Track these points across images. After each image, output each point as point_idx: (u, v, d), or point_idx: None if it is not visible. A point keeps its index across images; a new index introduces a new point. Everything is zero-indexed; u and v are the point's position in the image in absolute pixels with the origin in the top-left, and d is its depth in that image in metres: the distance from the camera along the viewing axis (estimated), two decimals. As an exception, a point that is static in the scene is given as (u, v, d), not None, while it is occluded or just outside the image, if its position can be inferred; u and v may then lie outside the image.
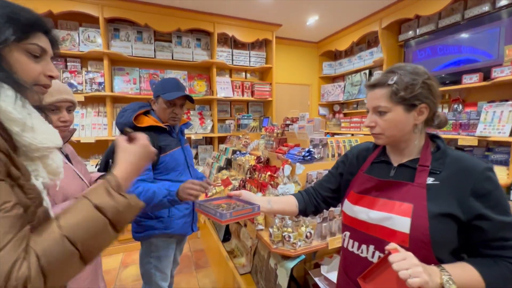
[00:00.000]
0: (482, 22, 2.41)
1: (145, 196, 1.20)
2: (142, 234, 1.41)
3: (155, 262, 1.46)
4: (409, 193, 0.72)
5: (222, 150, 3.14)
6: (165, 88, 1.38)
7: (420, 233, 0.67)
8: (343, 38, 3.86)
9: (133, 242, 2.89)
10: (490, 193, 0.66)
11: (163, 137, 1.40)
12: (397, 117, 0.74)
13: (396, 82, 0.73)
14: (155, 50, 3.19)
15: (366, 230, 0.78)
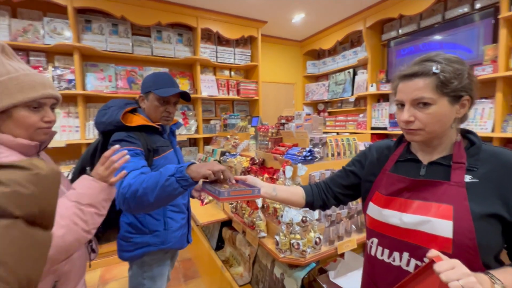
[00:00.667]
0: (462, 23, 2.51)
1: (149, 181, 0.91)
2: (133, 253, 1.21)
3: (149, 284, 1.27)
4: (447, 193, 0.65)
5: (209, 152, 2.97)
6: (157, 84, 1.21)
7: (465, 237, 0.61)
8: (327, 37, 3.87)
9: (112, 255, 2.63)
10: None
11: (155, 138, 1.23)
12: (442, 110, 0.66)
13: (443, 71, 0.65)
14: (132, 45, 2.94)
15: (398, 236, 0.71)
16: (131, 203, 0.92)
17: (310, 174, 1.50)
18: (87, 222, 0.72)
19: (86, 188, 0.75)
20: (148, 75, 1.28)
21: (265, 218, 1.49)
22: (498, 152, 0.67)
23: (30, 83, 0.73)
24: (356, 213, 1.47)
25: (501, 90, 2.15)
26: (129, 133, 1.12)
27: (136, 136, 1.13)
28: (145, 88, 1.24)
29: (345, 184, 0.93)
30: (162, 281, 1.31)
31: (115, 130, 1.15)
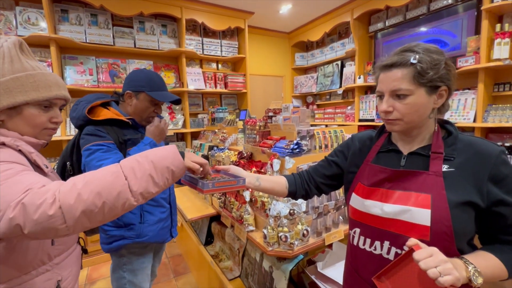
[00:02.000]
0: (446, 15, 2.54)
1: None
2: (111, 245, 1.21)
3: (129, 277, 1.27)
4: (426, 182, 0.67)
5: (197, 147, 2.93)
6: (152, 85, 1.21)
7: (442, 225, 0.63)
8: (315, 29, 3.84)
9: (99, 254, 2.58)
10: (507, 177, 0.64)
11: (127, 131, 1.22)
12: (419, 101, 0.67)
13: (420, 61, 0.65)
14: (114, 37, 2.81)
15: (380, 226, 0.73)
16: None
17: (297, 166, 1.49)
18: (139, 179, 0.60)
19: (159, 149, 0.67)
20: (138, 71, 1.25)
21: (253, 212, 1.48)
22: (473, 141, 0.69)
23: (46, 82, 0.73)
24: (343, 204, 1.48)
25: (482, 81, 2.20)
26: (98, 127, 1.12)
27: (106, 129, 1.13)
28: (137, 86, 1.21)
29: (327, 174, 0.94)
30: (144, 275, 1.30)
31: (86, 124, 1.15)
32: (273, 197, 1.36)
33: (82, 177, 0.57)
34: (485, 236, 0.70)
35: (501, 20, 2.23)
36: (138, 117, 1.24)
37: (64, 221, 0.53)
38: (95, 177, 0.57)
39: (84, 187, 0.55)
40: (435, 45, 0.70)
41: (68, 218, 0.53)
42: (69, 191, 0.54)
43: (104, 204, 0.56)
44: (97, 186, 0.56)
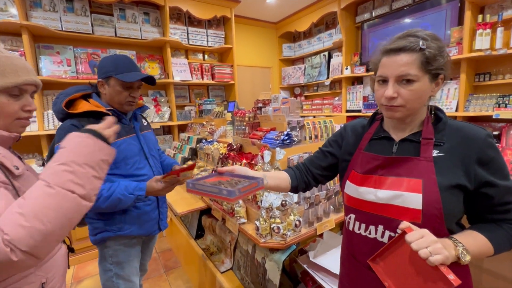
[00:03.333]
0: (430, 5, 2.57)
1: (107, 203, 1.05)
2: (96, 237, 1.21)
3: (116, 269, 1.25)
4: (417, 168, 0.69)
5: (185, 140, 2.86)
6: (118, 67, 1.14)
7: (433, 208, 0.65)
8: (302, 19, 3.80)
9: (85, 251, 2.50)
10: (493, 160, 0.66)
11: None
12: (423, 88, 0.67)
13: (428, 48, 0.64)
14: (92, 25, 2.66)
15: (374, 211, 0.75)
16: None
17: (288, 157, 1.49)
18: (84, 186, 0.61)
19: (79, 146, 0.64)
20: (104, 58, 1.19)
21: (244, 204, 1.46)
22: (460, 126, 0.71)
23: (12, 67, 0.66)
24: (333, 194, 1.50)
25: (464, 71, 2.27)
26: (73, 121, 1.08)
27: (81, 123, 1.08)
28: (104, 72, 1.15)
29: (323, 165, 0.94)
30: (131, 268, 1.28)
31: (65, 118, 1.11)
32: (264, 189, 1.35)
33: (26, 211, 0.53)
34: (473, 216, 0.73)
35: (483, 11, 2.28)
36: (116, 104, 1.19)
37: (35, 257, 0.54)
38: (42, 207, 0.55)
39: (34, 221, 0.53)
40: (434, 33, 0.69)
41: (38, 254, 0.54)
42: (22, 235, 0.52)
43: (64, 224, 0.58)
44: (49, 214, 0.55)
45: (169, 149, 3.00)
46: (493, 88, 2.30)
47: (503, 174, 0.67)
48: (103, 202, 1.03)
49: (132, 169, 1.21)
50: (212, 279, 1.66)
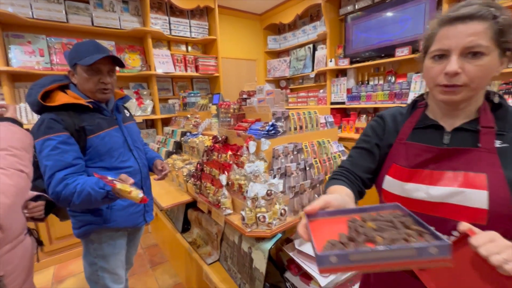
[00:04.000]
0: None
1: (80, 198, 1.00)
2: (80, 230, 1.17)
3: (101, 262, 1.23)
4: (478, 160, 0.60)
5: (169, 133, 2.80)
6: (80, 53, 1.08)
7: (502, 207, 0.56)
8: (287, 11, 3.77)
9: (66, 251, 2.42)
10: None
11: (88, 116, 1.13)
12: (493, 63, 0.57)
13: (500, 18, 0.55)
14: (66, 13, 2.51)
15: (423, 211, 0.64)
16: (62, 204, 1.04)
17: (273, 148, 1.49)
18: (28, 166, 0.75)
19: (9, 133, 0.75)
20: (70, 49, 1.14)
21: (230, 196, 1.46)
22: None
23: None
24: (318, 183, 1.52)
25: (442, 63, 2.35)
26: (51, 115, 1.03)
27: (60, 116, 1.03)
28: (70, 60, 1.10)
29: (373, 166, 0.79)
30: (116, 261, 1.26)
31: (42, 111, 1.05)
32: (250, 179, 1.34)
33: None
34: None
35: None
36: (89, 93, 1.14)
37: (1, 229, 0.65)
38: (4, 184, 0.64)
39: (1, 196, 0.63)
40: None
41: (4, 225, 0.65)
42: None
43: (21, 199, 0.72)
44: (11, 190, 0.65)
45: (153, 143, 2.93)
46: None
47: None
48: (77, 197, 0.99)
49: (116, 161, 1.18)
50: (199, 272, 1.66)
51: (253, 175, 1.33)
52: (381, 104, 2.88)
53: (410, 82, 2.65)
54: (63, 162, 1.01)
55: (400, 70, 2.94)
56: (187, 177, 1.88)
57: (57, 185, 0.99)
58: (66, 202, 1.01)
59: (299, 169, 1.51)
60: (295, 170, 1.48)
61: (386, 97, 2.84)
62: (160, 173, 1.41)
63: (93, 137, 1.11)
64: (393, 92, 2.78)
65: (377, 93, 2.91)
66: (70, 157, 1.03)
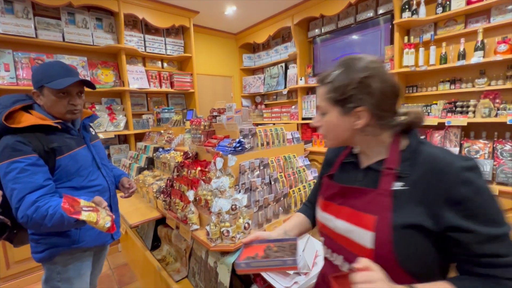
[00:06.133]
0: (369, 26, 2.92)
1: (52, 222, 0.97)
2: (43, 254, 1.12)
3: (65, 285, 1.18)
4: (373, 202, 0.62)
5: (141, 149, 2.79)
6: (49, 75, 1.08)
7: (384, 249, 0.58)
8: (260, 31, 3.99)
9: (25, 276, 2.27)
10: (468, 200, 0.53)
11: (56, 136, 1.12)
12: (333, 120, 0.66)
13: (332, 81, 0.65)
14: (36, 28, 2.49)
15: (335, 239, 0.71)
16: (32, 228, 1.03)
17: (240, 163, 1.56)
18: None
19: None
20: (35, 68, 1.14)
21: (197, 211, 1.50)
22: (433, 154, 0.59)
23: None
24: (282, 196, 1.60)
25: (397, 84, 2.60)
26: (17, 138, 1.02)
27: (27, 138, 1.03)
28: (37, 82, 1.10)
29: None
30: (82, 283, 1.23)
31: (4, 133, 1.03)
32: (215, 195, 1.40)
33: None
34: (458, 267, 0.59)
35: (408, 33, 2.66)
36: (57, 114, 1.13)
37: None
38: None
39: None
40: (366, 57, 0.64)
41: None
42: None
43: None
44: None
45: (125, 159, 2.89)
46: (420, 99, 2.67)
47: (484, 218, 0.53)
48: (49, 220, 0.96)
49: (85, 181, 1.18)
50: (167, 289, 1.65)
51: (218, 190, 1.39)
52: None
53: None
54: (33, 184, 0.99)
55: (363, 89, 3.19)
56: (157, 193, 1.89)
57: (27, 208, 0.96)
58: (36, 226, 0.98)
59: (264, 184, 1.59)
60: (260, 184, 1.56)
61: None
62: (127, 191, 1.42)
63: (62, 157, 1.11)
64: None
65: (343, 110, 3.12)
66: (40, 179, 1.02)
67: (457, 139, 2.32)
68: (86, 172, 1.21)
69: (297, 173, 1.82)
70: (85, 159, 1.21)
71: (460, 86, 2.34)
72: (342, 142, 0.70)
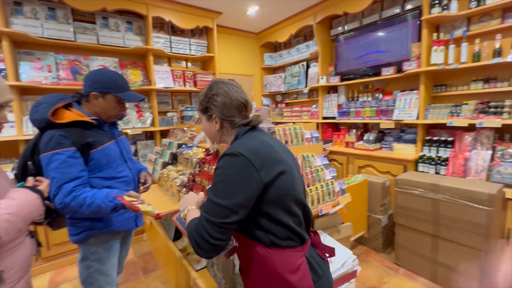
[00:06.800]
0: (395, 23, 2.82)
1: (90, 209, 1.13)
2: (79, 236, 1.27)
3: (97, 265, 1.32)
4: None
5: (166, 145, 2.93)
6: (118, 86, 1.28)
7: None
8: (282, 30, 3.99)
9: (62, 257, 2.50)
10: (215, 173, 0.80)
11: (91, 132, 1.26)
12: (204, 125, 0.96)
13: (198, 97, 0.96)
14: (75, 32, 2.71)
15: None
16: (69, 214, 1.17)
17: (258, 161, 1.61)
18: (9, 235, 0.77)
19: (27, 203, 0.84)
20: (101, 74, 1.28)
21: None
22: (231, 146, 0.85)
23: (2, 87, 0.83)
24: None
25: (423, 83, 2.50)
26: (60, 132, 1.15)
27: (68, 133, 1.15)
28: (103, 88, 1.25)
29: None
30: (111, 264, 1.36)
31: (48, 127, 1.16)
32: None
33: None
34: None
35: (438, 29, 2.54)
36: (105, 116, 1.30)
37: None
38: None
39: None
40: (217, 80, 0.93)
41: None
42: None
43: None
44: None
45: (151, 154, 3.06)
46: (449, 98, 2.54)
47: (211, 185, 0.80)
48: (86, 208, 1.11)
49: (114, 172, 1.31)
50: (187, 278, 1.74)
51: (237, 186, 1.45)
52: (369, 120, 3.01)
53: (395, 99, 2.79)
54: (70, 175, 1.12)
55: (387, 88, 3.10)
56: (180, 187, 1.99)
57: (65, 196, 1.10)
58: (72, 212, 1.12)
59: (282, 181, 1.62)
60: (278, 182, 1.59)
61: (373, 113, 2.98)
62: (141, 185, 1.54)
63: (96, 151, 1.24)
64: (379, 108, 2.92)
65: (365, 109, 3.05)
66: (76, 170, 1.15)
67: (490, 141, 2.19)
68: (115, 164, 1.33)
69: (315, 172, 1.83)
70: (114, 153, 1.34)
71: (495, 85, 2.20)
72: (216, 141, 0.96)
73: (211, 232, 0.73)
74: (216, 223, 0.73)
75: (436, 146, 2.45)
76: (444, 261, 1.99)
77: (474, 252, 1.82)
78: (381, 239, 2.49)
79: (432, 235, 2.04)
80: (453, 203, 1.88)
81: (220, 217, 0.73)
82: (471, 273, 1.16)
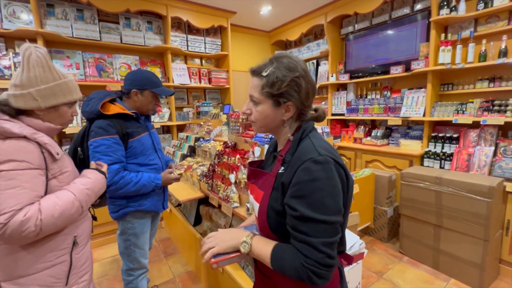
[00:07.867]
0: (404, 23, 2.91)
1: (135, 187, 1.37)
2: (118, 213, 1.48)
3: (133, 239, 1.53)
4: (266, 181, 0.77)
5: (183, 138, 3.12)
6: (154, 83, 1.48)
7: (262, 217, 0.74)
8: (293, 29, 4.11)
9: (93, 239, 2.72)
10: (300, 183, 0.64)
11: (130, 124, 1.46)
12: (266, 111, 0.74)
13: (268, 75, 0.71)
14: (100, 32, 2.90)
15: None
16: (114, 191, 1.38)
17: (275, 153, 1.77)
18: (87, 205, 0.99)
19: (98, 182, 1.05)
20: (138, 73, 1.48)
21: (237, 192, 1.74)
22: (304, 145, 0.71)
23: (74, 87, 1.02)
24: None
25: (430, 82, 2.60)
26: (107, 121, 1.35)
27: (113, 123, 1.36)
28: (141, 85, 1.45)
29: None
30: (144, 238, 1.57)
31: (97, 118, 1.36)
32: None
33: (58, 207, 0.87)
34: None
35: (446, 30, 2.63)
36: (144, 109, 1.50)
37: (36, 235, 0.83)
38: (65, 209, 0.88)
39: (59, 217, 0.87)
40: (296, 58, 0.73)
41: (41, 234, 0.85)
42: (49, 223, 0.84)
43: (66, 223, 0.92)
44: (67, 217, 0.90)
45: (168, 147, 3.25)
46: (455, 97, 2.65)
47: (309, 201, 0.63)
48: (133, 186, 1.36)
49: (147, 159, 1.51)
50: (208, 258, 1.93)
51: (257, 174, 1.61)
52: (377, 116, 3.13)
53: (403, 97, 2.90)
54: (115, 158, 1.34)
55: (395, 86, 3.20)
56: (201, 176, 2.17)
57: (114, 176, 1.32)
58: (118, 189, 1.34)
59: (296, 171, 1.77)
60: (293, 172, 1.75)
61: (381, 110, 3.09)
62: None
63: (133, 140, 1.44)
64: (387, 106, 3.04)
65: (374, 107, 3.17)
66: (120, 155, 1.36)
67: (493, 138, 2.29)
68: (148, 153, 1.53)
69: (326, 164, 1.98)
70: (147, 143, 1.54)
71: (500, 85, 2.30)
72: (269, 130, 0.79)
73: (331, 253, 0.63)
74: (334, 242, 0.64)
75: (442, 142, 2.56)
76: (446, 249, 2.13)
77: (474, 241, 1.96)
78: (387, 230, 2.64)
79: (435, 225, 2.18)
80: (456, 195, 2.01)
81: (335, 234, 0.64)
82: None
